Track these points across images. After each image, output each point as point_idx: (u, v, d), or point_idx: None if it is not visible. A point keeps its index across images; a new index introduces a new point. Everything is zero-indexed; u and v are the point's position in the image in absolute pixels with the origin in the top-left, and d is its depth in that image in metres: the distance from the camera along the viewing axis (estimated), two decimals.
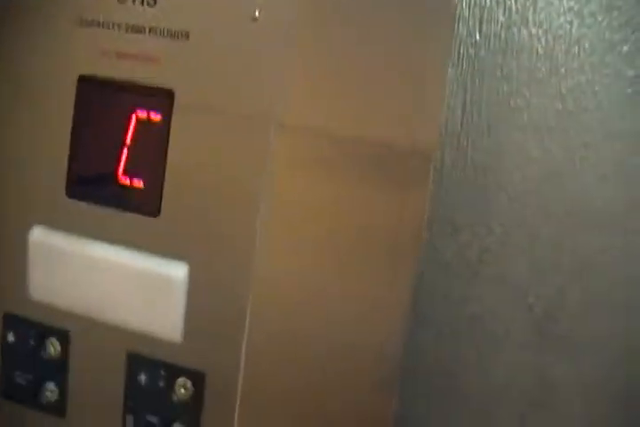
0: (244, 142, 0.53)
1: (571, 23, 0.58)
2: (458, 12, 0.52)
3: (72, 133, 0.57)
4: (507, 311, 0.60)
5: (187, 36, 0.54)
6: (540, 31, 0.59)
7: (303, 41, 0.53)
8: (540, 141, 0.59)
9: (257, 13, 0.52)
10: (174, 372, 0.56)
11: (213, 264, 0.54)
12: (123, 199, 0.56)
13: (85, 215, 0.58)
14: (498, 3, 0.58)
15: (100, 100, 0.56)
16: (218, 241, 0.54)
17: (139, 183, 0.56)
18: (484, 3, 0.57)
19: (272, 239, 0.54)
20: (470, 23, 0.56)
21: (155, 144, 0.55)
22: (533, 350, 0.59)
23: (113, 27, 0.56)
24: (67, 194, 0.58)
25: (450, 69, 0.54)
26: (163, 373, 0.56)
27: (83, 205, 0.58)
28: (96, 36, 0.56)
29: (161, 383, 0.56)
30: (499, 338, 0.60)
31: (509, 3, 0.58)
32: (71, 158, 0.57)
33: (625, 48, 0.56)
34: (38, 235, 0.59)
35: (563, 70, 0.59)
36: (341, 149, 0.55)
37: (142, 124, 0.55)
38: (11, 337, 0.61)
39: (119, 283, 0.57)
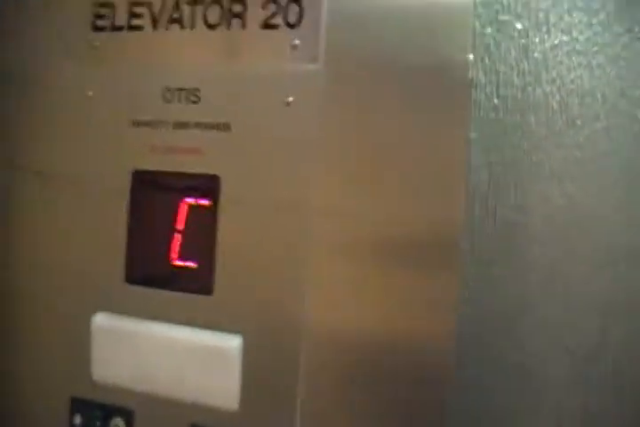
0: (286, 224, 0.57)
1: (581, 77, 0.63)
2: (475, 80, 0.57)
3: (128, 223, 0.62)
4: (547, 356, 0.62)
5: (228, 127, 0.60)
6: (554, 88, 0.63)
7: (332, 125, 0.58)
8: (564, 190, 0.62)
9: (290, 99, 0.59)
10: None
11: (265, 334, 0.58)
12: (177, 281, 0.61)
13: (143, 298, 0.62)
14: (512, 67, 0.62)
15: (153, 191, 0.62)
16: (268, 312, 0.58)
17: (192, 265, 0.60)
18: (499, 68, 0.62)
19: (319, 310, 0.57)
20: (487, 89, 0.61)
21: (205, 228, 0.60)
22: (576, 392, 0.60)
23: (161, 125, 0.62)
24: (126, 280, 0.62)
25: (472, 134, 0.58)
26: None
27: (140, 289, 0.62)
28: (147, 135, 0.62)
29: None
30: (541, 383, 0.61)
31: (522, 65, 0.63)
32: (128, 246, 0.62)
33: (636, 93, 0.60)
34: (101, 320, 0.63)
35: (579, 121, 0.63)
36: (374, 233, 0.58)
37: (192, 210, 0.60)
38: (77, 419, 0.65)
39: (178, 359, 0.60)
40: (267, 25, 0.59)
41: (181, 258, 0.60)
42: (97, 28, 0.64)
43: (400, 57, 0.59)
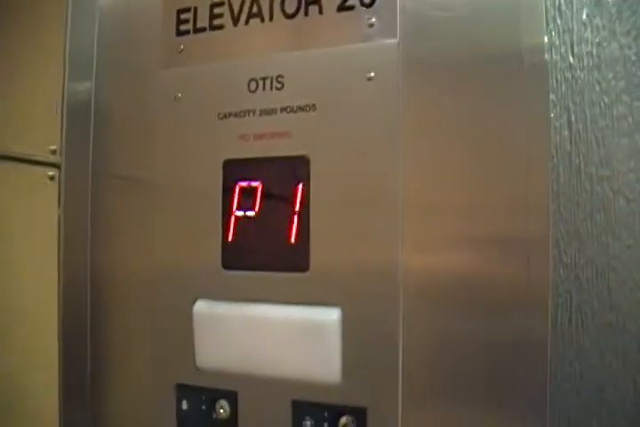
0: (374, 199, 0.59)
1: None
2: (548, 42, 0.57)
3: (222, 211, 0.64)
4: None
5: (314, 107, 0.62)
6: (630, 39, 0.63)
7: (413, 98, 0.59)
8: None
9: (371, 74, 0.60)
10: (337, 411, 0.59)
11: (363, 306, 0.58)
12: (274, 261, 0.62)
13: (241, 282, 0.63)
14: (584, 24, 0.62)
15: (244, 178, 0.64)
16: (364, 283, 0.59)
17: (287, 244, 0.61)
18: (571, 26, 0.62)
19: (414, 282, 0.57)
20: (562, 50, 0.61)
21: (298, 208, 0.61)
22: None
23: (248, 114, 0.64)
24: (222, 266, 0.64)
25: (551, 95, 0.58)
26: (326, 414, 0.59)
27: (237, 273, 0.63)
28: (234, 125, 0.64)
29: (326, 425, 0.58)
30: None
31: (595, 21, 0.63)
32: (223, 233, 0.64)
33: None
34: (201, 307, 0.65)
35: None
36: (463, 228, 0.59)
37: (285, 191, 0.62)
38: (184, 405, 0.65)
39: (279, 337, 0.61)
40: (343, 7, 0.61)
41: (277, 238, 0.62)
42: (180, 33, 0.68)
43: (472, 37, 0.60)
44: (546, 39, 0.57)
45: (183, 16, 0.68)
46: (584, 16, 0.63)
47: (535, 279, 0.54)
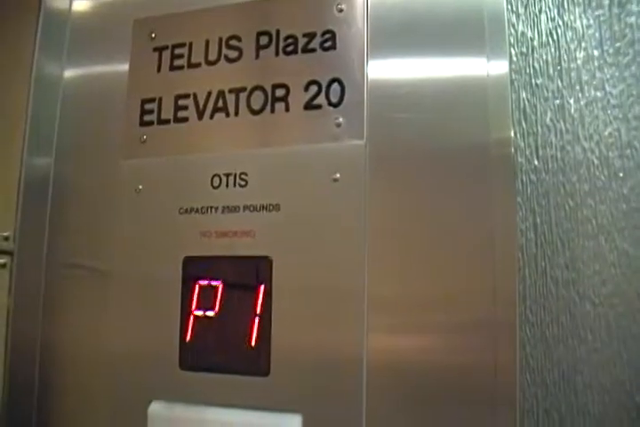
0: (340, 307, 0.56)
1: (618, 130, 0.63)
2: (514, 144, 0.57)
3: (182, 309, 0.61)
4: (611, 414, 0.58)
5: (277, 207, 0.60)
6: (593, 144, 0.63)
7: (378, 199, 0.57)
8: (613, 244, 0.61)
9: (338, 175, 0.58)
10: None
11: (325, 410, 0.56)
12: (233, 364, 0.59)
13: (199, 384, 0.60)
14: (549, 128, 0.62)
15: (204, 277, 0.61)
16: (327, 384, 0.56)
17: (248, 347, 0.58)
18: (536, 130, 0.62)
19: (379, 376, 0.55)
20: (527, 152, 0.61)
21: (260, 310, 0.58)
22: None
23: (210, 210, 0.62)
24: (180, 366, 0.60)
25: (517, 198, 0.58)
26: None
27: (195, 375, 0.60)
28: (196, 221, 0.62)
29: None
30: None
31: (559, 125, 0.63)
32: (182, 332, 0.61)
33: None
34: (157, 409, 0.61)
35: (621, 174, 0.62)
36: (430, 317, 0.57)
37: (246, 292, 0.59)
38: None
39: None
40: (310, 106, 0.60)
41: (237, 341, 0.59)
42: (144, 123, 0.66)
43: (438, 134, 0.59)
44: (512, 133, 0.57)
45: (147, 106, 0.66)
46: (548, 120, 0.63)
47: (502, 375, 0.53)
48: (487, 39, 0.58)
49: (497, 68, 0.58)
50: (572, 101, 0.65)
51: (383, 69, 0.59)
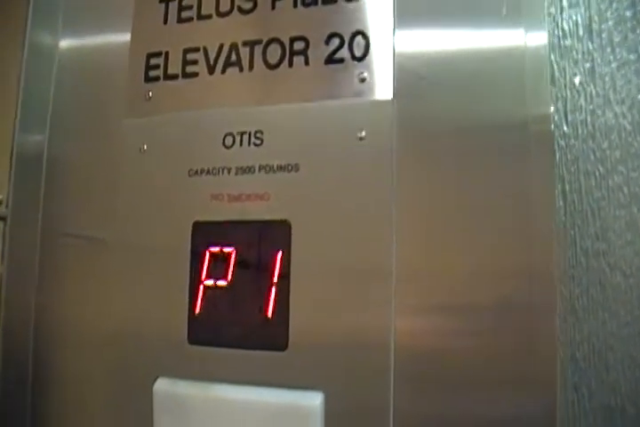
0: (365, 279, 0.50)
1: None
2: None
3: (190, 279, 0.55)
4: None
5: (296, 168, 0.53)
6: (625, 109, 0.58)
7: (407, 160, 0.52)
8: None
9: (363, 133, 0.52)
10: None
11: (349, 389, 0.49)
12: (248, 337, 0.52)
13: (208, 360, 0.53)
14: (578, 91, 0.57)
15: (216, 243, 0.54)
16: (352, 363, 0.50)
17: (263, 319, 0.52)
18: (565, 94, 0.56)
19: (408, 358, 0.49)
20: (555, 117, 0.56)
21: (277, 279, 0.52)
22: None
23: (222, 171, 0.55)
24: (188, 340, 0.54)
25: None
26: None
27: (205, 349, 0.54)
28: (206, 183, 0.55)
29: None
30: None
31: (589, 89, 0.58)
32: (190, 304, 0.54)
33: None
34: (163, 386, 0.54)
35: None
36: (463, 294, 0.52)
37: (262, 261, 0.53)
38: None
39: (251, 425, 0.51)
40: (331, 60, 0.53)
41: (252, 313, 0.52)
42: (149, 79, 0.59)
43: (473, 101, 0.53)
44: (552, 109, 0.52)
45: (153, 61, 0.59)
46: (577, 83, 0.58)
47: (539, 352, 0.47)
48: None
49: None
50: (602, 63, 0.59)
51: (413, 25, 0.53)
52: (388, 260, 0.49)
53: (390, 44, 0.52)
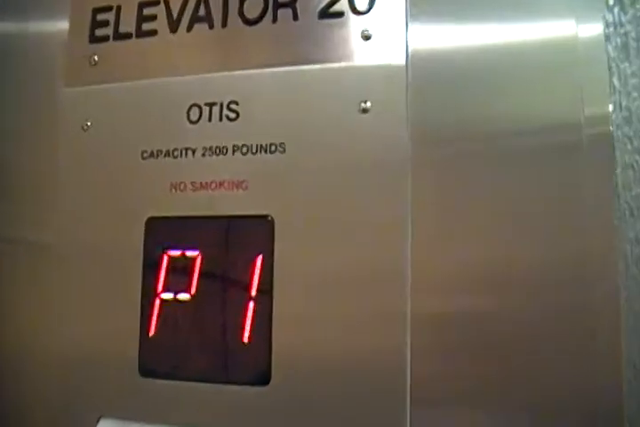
0: (371, 289, 0.38)
1: None
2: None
3: (143, 292, 0.42)
4: None
5: (282, 148, 0.41)
6: None
7: (421, 137, 0.40)
8: None
9: (368, 104, 0.41)
10: None
11: None
12: (217, 368, 0.40)
13: (165, 396, 0.41)
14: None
15: (176, 246, 0.42)
16: (353, 399, 0.37)
17: (238, 344, 0.40)
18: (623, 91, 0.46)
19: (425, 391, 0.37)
20: (614, 116, 0.45)
21: (256, 292, 0.40)
22: None
23: (185, 153, 0.43)
24: (140, 372, 0.41)
25: None
26: None
27: (160, 383, 0.41)
28: (165, 168, 0.42)
29: None
30: None
31: None
32: (143, 324, 0.42)
33: None
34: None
35: None
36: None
37: (236, 268, 0.40)
38: None
39: None
40: (326, 13, 0.42)
41: (222, 337, 0.40)
42: (95, 39, 0.46)
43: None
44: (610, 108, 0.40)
45: (101, 17, 0.46)
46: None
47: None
48: None
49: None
50: None
51: None
52: (402, 265, 0.38)
53: None
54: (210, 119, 0.42)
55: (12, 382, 0.47)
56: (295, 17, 0.42)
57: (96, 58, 0.46)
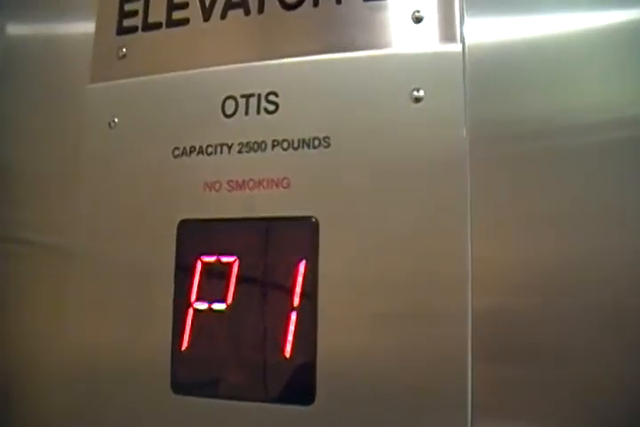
0: (428, 299, 0.34)
1: None
2: None
3: (175, 302, 0.38)
4: None
5: (326, 142, 0.37)
6: None
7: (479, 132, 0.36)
8: None
9: (421, 93, 0.36)
10: None
11: None
12: (256, 386, 0.36)
13: (199, 415, 0.37)
14: None
15: (211, 251, 0.38)
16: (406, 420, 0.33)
17: (279, 359, 0.36)
18: None
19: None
20: None
21: (299, 301, 0.36)
22: None
23: (220, 150, 0.39)
24: (172, 389, 0.38)
25: None
26: None
27: (194, 401, 0.37)
28: (198, 166, 0.39)
29: None
30: None
31: None
32: (175, 337, 0.38)
33: None
34: None
35: None
36: None
37: (276, 275, 0.36)
38: None
39: None
40: None
41: (262, 351, 0.36)
42: (123, 30, 0.43)
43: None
44: None
45: (129, 6, 0.43)
46: None
47: None
48: None
49: None
50: None
51: None
52: (462, 266, 0.33)
53: None
54: (247, 112, 0.38)
55: (35, 397, 0.44)
56: (338, 0, 0.38)
57: (124, 50, 0.42)
